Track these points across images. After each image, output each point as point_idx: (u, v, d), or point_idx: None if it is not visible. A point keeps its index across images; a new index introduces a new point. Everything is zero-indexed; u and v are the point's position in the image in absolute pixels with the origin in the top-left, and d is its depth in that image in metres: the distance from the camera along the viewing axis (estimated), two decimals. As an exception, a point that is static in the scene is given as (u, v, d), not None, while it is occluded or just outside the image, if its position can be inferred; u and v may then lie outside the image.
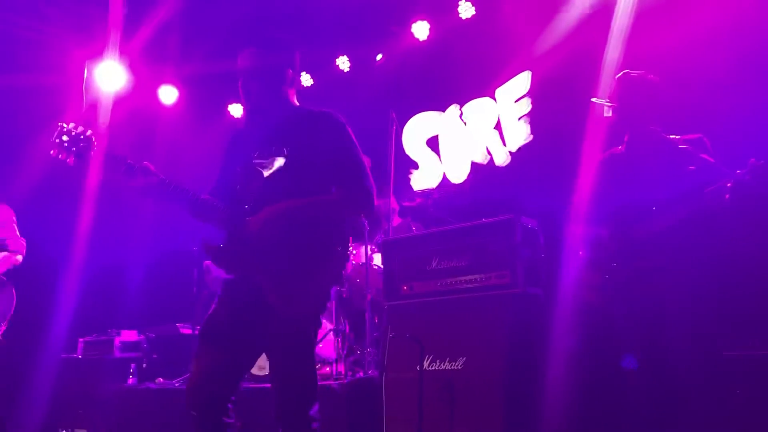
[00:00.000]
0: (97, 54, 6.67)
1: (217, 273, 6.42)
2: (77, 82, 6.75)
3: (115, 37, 6.43)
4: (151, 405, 5.13)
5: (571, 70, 5.39)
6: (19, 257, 4.84)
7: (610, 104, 3.50)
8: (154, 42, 6.70)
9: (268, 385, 4.74)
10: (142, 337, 6.11)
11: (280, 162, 2.69)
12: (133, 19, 6.42)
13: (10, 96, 6.20)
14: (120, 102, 7.02)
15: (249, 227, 2.60)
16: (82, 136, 2.54)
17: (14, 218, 5.00)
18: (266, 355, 2.68)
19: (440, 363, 3.61)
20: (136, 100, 7.32)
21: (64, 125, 2.54)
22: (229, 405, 2.56)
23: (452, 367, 3.57)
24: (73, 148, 2.53)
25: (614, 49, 4.96)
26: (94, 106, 6.90)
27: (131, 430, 5.14)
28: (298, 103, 2.92)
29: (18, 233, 4.96)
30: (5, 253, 4.37)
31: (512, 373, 3.39)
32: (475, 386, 3.44)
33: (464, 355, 3.55)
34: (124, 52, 6.70)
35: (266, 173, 2.70)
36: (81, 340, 6.11)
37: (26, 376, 5.97)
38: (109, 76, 6.83)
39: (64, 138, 2.52)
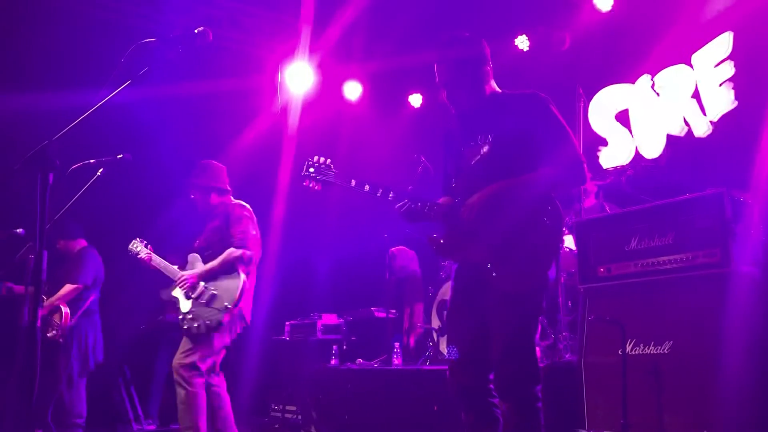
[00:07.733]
0: (289, 57, 7.15)
1: (402, 260, 6.61)
2: (272, 85, 7.30)
3: (305, 41, 6.85)
4: (354, 384, 5.41)
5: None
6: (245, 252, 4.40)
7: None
8: (340, 42, 7.03)
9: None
10: (341, 320, 6.47)
11: (485, 149, 2.80)
12: (321, 22, 6.78)
13: (215, 100, 6.83)
14: (309, 100, 7.49)
15: (462, 216, 2.74)
16: (323, 166, 2.88)
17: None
18: (491, 331, 2.72)
19: (644, 347, 3.45)
20: (324, 97, 7.74)
21: (310, 159, 2.89)
22: (490, 385, 2.72)
23: (657, 352, 3.39)
24: (319, 177, 2.86)
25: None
26: (286, 106, 7.42)
27: (336, 408, 5.46)
28: (499, 89, 2.96)
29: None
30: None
31: (727, 358, 3.15)
32: (684, 372, 3.25)
33: (670, 338, 3.36)
34: (313, 54, 7.11)
35: (473, 161, 2.82)
36: (287, 323, 6.61)
37: (241, 357, 6.56)
38: (299, 78, 7.32)
39: (311, 170, 2.87)
